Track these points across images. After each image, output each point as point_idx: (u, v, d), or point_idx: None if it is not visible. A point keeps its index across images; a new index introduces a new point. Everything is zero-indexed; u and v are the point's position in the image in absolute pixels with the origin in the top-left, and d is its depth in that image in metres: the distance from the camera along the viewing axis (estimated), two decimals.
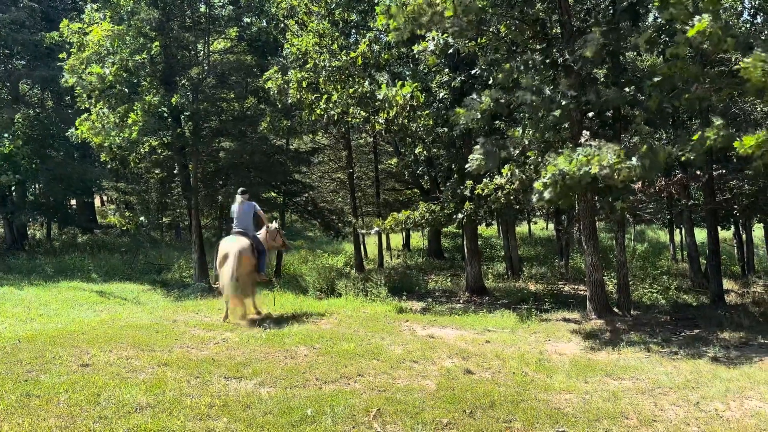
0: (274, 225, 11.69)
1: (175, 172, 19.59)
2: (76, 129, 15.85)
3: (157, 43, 16.53)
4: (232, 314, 10.43)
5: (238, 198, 11.13)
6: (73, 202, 31.11)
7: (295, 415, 5.38)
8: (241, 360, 7.29)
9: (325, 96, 13.56)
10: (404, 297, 14.74)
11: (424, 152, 17.05)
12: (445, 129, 15.56)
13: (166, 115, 17.70)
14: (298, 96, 13.48)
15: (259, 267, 10.99)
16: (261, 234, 11.45)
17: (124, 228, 20.20)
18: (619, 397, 6.18)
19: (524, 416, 5.55)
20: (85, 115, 15.93)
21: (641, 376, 7.06)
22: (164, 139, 17.64)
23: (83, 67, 15.95)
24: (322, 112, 13.76)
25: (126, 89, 16.10)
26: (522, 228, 35.57)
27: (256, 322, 10.12)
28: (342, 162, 25.22)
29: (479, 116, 10.88)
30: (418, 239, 33.43)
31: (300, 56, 13.64)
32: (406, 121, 14.02)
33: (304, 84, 13.41)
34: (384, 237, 27.88)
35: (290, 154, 21.62)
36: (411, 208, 15.59)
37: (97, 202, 35.71)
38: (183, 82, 17.91)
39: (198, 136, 17.64)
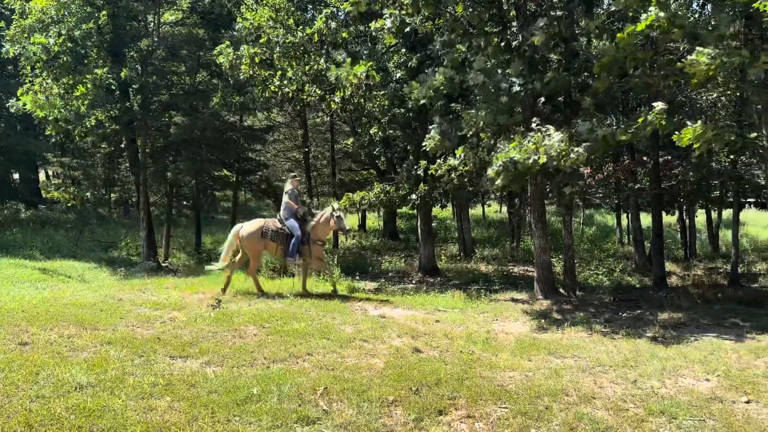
0: (329, 209, 11.49)
1: (123, 146, 19.05)
2: (18, 100, 15.19)
3: (104, 12, 15.92)
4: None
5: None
6: (16, 176, 29.94)
7: (241, 394, 5.35)
8: (187, 339, 7.20)
9: (280, 72, 13.33)
10: (357, 277, 14.78)
11: (380, 133, 17.03)
12: (402, 110, 15.56)
13: (114, 87, 17.14)
14: (251, 72, 13.22)
15: (286, 251, 11.19)
16: (317, 217, 11.43)
17: (69, 204, 19.57)
18: (561, 375, 6.37)
19: (468, 393, 5.67)
20: (28, 85, 15.27)
21: (583, 355, 7.29)
22: (112, 112, 17.09)
23: (26, 36, 15.24)
24: (277, 89, 13.55)
25: (72, 60, 15.48)
26: (476, 210, 36.03)
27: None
28: (297, 141, 24.98)
29: (432, 93, 10.91)
30: (374, 220, 33.49)
31: (253, 31, 13.35)
32: (362, 100, 13.95)
33: (257, 60, 13.14)
34: None
35: (244, 131, 21.28)
36: (366, 189, 15.60)
37: (42, 176, 34.42)
38: (132, 53, 17.35)
39: (147, 110, 17.17)
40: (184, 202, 24.49)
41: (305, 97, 14.15)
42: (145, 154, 17.82)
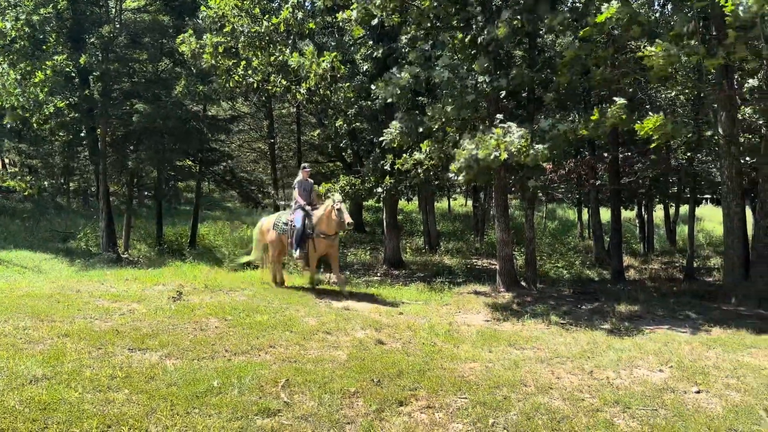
0: (330, 201, 10.61)
1: (83, 135, 18.57)
2: None
3: None
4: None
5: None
6: None
7: (201, 387, 5.30)
8: (147, 332, 7.08)
9: (244, 62, 13.16)
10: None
11: (346, 125, 17.00)
12: (368, 102, 15.54)
13: (73, 74, 16.70)
14: (213, 61, 13.00)
15: (290, 244, 11.03)
16: (319, 212, 10.77)
17: (26, 193, 19.01)
18: (520, 366, 6.48)
19: (429, 384, 5.73)
20: None
21: (542, 346, 7.43)
22: (71, 99, 16.64)
23: None
24: (241, 79, 13.37)
25: (29, 45, 15.01)
26: (442, 204, 36.31)
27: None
28: (263, 132, 24.74)
29: (398, 92, 10.95)
30: None
31: (217, 19, 13.13)
32: (329, 92, 13.89)
33: (220, 49, 12.93)
34: None
35: (207, 120, 20.97)
36: (332, 181, 15.59)
37: None
38: (92, 40, 16.90)
39: (107, 98, 16.79)
40: (146, 193, 24.04)
41: (270, 87, 13.99)
42: (105, 143, 17.44)
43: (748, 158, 14.54)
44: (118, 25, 17.24)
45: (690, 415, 5.31)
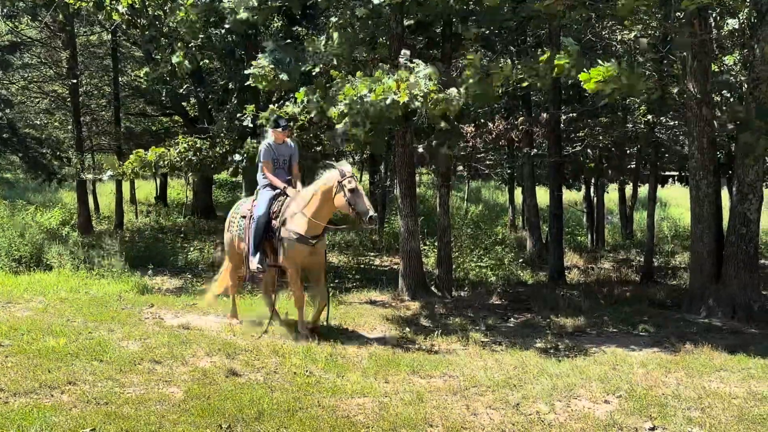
0: (332, 172, 8.87)
1: None
2: None
3: None
4: None
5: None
6: None
7: None
8: None
9: None
10: (151, 272, 14.49)
11: (187, 62, 16.59)
12: (221, 30, 15.26)
13: None
14: None
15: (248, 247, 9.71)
16: (309, 190, 9.19)
17: None
18: (425, 400, 6.73)
19: (301, 428, 5.84)
20: None
21: (455, 373, 7.76)
22: None
23: None
24: None
25: None
26: None
27: None
28: (61, 67, 23.64)
29: (256, 3, 10.83)
30: (179, 190, 32.78)
31: None
32: (161, 12, 13.53)
33: None
34: (127, 185, 26.93)
35: None
36: (167, 144, 15.22)
37: None
38: None
39: None
40: None
41: (73, 1, 13.43)
42: None
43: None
44: None
45: None
